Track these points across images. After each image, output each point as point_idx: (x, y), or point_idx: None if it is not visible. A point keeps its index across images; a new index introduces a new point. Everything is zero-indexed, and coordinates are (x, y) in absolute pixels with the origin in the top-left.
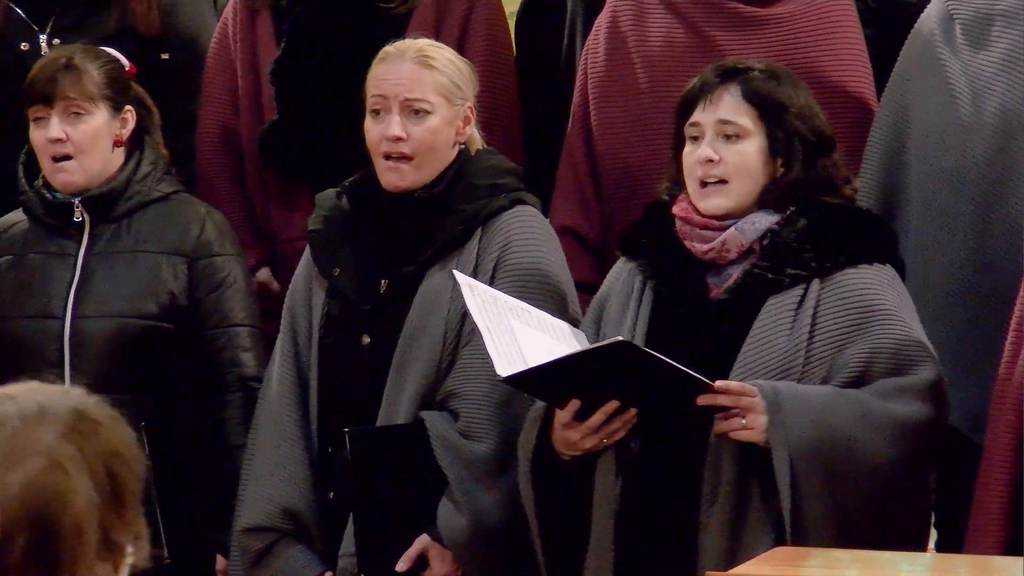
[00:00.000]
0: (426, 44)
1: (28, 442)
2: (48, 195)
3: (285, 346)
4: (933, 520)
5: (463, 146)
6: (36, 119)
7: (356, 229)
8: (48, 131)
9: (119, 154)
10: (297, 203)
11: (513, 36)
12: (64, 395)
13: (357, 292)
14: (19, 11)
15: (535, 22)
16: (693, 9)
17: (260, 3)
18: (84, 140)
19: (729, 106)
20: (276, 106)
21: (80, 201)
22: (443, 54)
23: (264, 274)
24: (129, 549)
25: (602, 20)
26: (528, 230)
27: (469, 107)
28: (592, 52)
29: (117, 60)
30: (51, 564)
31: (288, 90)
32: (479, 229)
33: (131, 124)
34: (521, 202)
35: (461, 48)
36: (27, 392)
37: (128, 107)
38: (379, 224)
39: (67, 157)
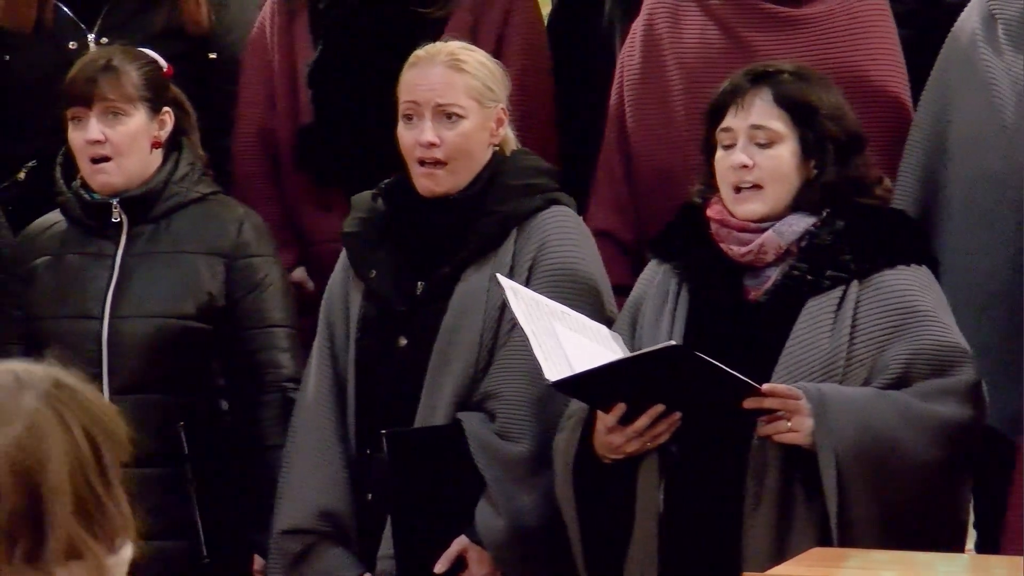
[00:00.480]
0: (457, 47)
1: (7, 408)
2: (86, 196)
3: (322, 348)
4: (972, 521)
5: (497, 147)
6: (74, 119)
7: (392, 231)
8: (87, 132)
9: (157, 155)
10: (333, 204)
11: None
12: (40, 367)
13: (393, 294)
14: (67, 10)
15: (567, 25)
16: (727, 10)
17: (298, 5)
18: (123, 141)
19: (760, 111)
20: (312, 108)
21: (118, 202)
22: (474, 57)
23: (299, 274)
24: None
25: (638, 24)
26: (563, 230)
27: (502, 108)
28: (628, 55)
29: (155, 61)
30: (38, 527)
31: (325, 92)
32: (514, 230)
33: (169, 126)
34: (556, 202)
35: (498, 52)
36: (2, 366)
37: (166, 109)
38: (415, 226)
39: (105, 159)
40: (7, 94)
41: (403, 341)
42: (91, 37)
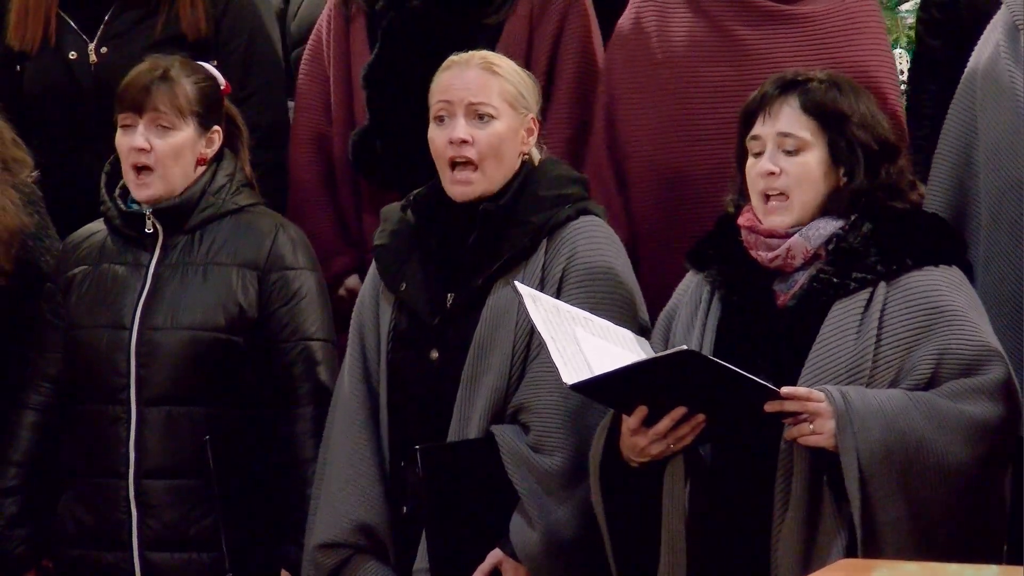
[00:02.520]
0: (490, 54)
1: None
2: (123, 205)
3: (354, 361)
4: None
5: (527, 158)
6: (124, 126)
7: (422, 243)
8: (133, 139)
9: (201, 169)
10: None
11: None
12: None
13: (425, 306)
14: (70, 21)
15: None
16: (718, 7)
17: (355, 10)
18: (167, 154)
19: (788, 118)
20: (368, 111)
21: (152, 212)
22: (508, 63)
23: (353, 280)
24: None
25: (624, 20)
26: (593, 239)
27: (532, 118)
28: (617, 51)
29: (214, 78)
30: None
31: (380, 95)
32: (545, 240)
33: (217, 144)
34: (586, 212)
35: (553, 59)
36: None
37: (216, 127)
38: (445, 237)
39: (147, 168)
40: (15, 104)
41: (435, 354)
42: (91, 47)
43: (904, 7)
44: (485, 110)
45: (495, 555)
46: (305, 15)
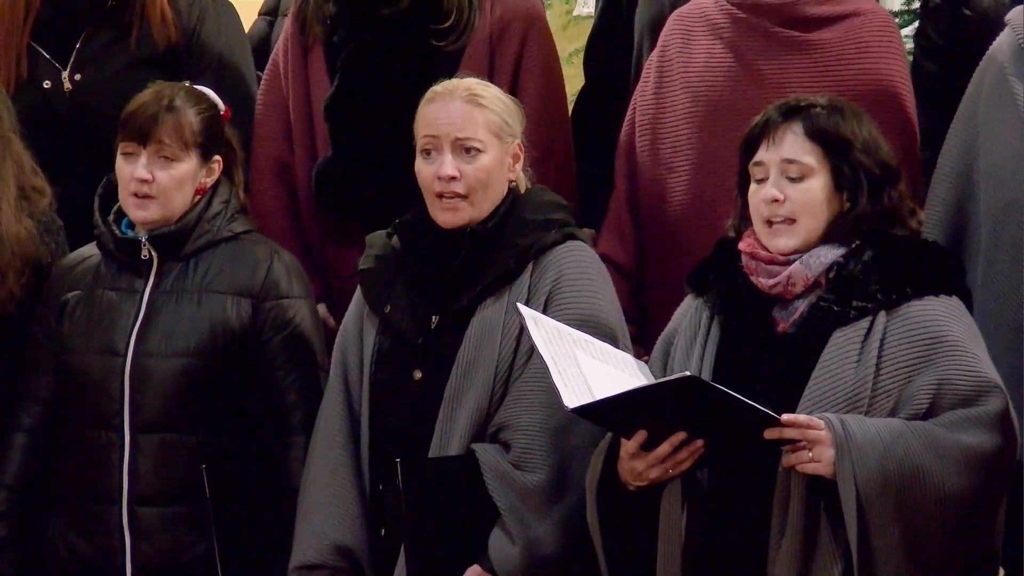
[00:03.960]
0: (474, 83)
1: None
2: (118, 231)
3: (335, 384)
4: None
5: (513, 183)
6: (126, 154)
7: (407, 266)
8: (135, 169)
9: (196, 197)
10: (353, 239)
11: (583, 68)
12: None
13: (409, 327)
14: (42, 51)
15: (603, 54)
16: (736, 33)
17: (312, 39)
18: (169, 185)
19: (792, 145)
20: (330, 142)
21: (148, 239)
22: (491, 92)
23: (320, 310)
24: None
25: (654, 53)
26: (579, 265)
27: (518, 144)
28: (643, 82)
29: (215, 106)
30: None
31: (342, 126)
32: (531, 263)
33: (217, 174)
34: (572, 237)
35: (515, 82)
36: None
37: (217, 157)
38: (431, 259)
39: (148, 197)
40: None
41: (418, 374)
42: (65, 75)
43: (903, 32)
44: (472, 144)
45: (474, 571)
46: None
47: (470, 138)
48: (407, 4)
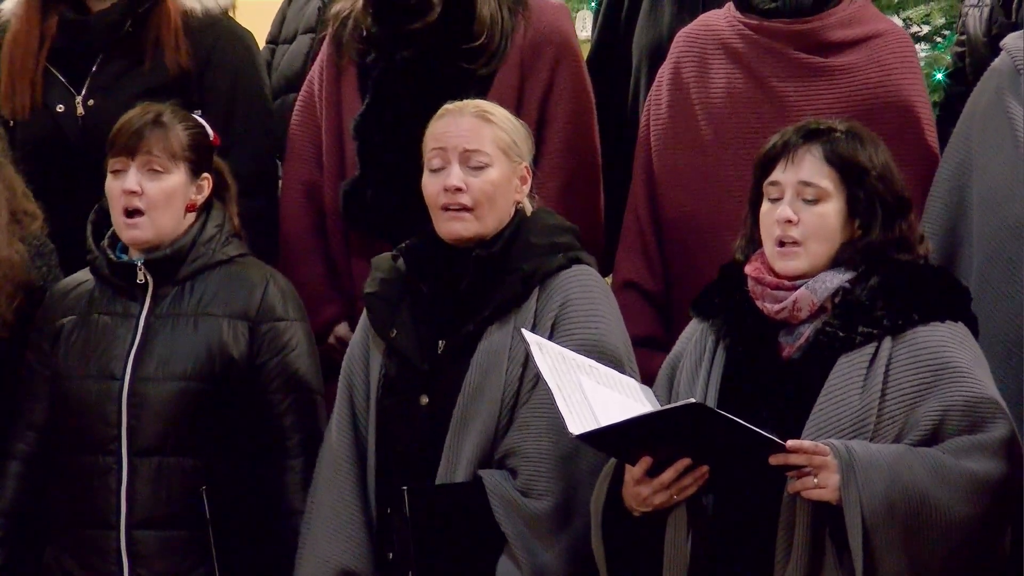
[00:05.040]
0: (484, 102)
1: None
2: (113, 256)
3: (342, 409)
4: None
5: (520, 206)
6: (115, 171)
7: (413, 290)
8: (124, 182)
9: (190, 218)
10: None
11: None
12: None
13: (415, 352)
14: (58, 75)
15: (600, 75)
16: (755, 58)
17: (347, 61)
18: (158, 197)
19: (811, 167)
20: (358, 161)
21: (143, 263)
22: (501, 111)
23: (342, 329)
24: None
25: (665, 70)
26: (585, 289)
27: (526, 167)
28: (655, 103)
29: (203, 128)
30: None
31: (370, 145)
32: (537, 288)
33: (206, 192)
34: (579, 261)
35: (544, 108)
36: None
37: (206, 175)
38: (437, 283)
39: (138, 212)
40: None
41: (425, 400)
42: (79, 99)
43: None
44: (479, 157)
45: None
46: (285, 67)
47: (478, 151)
48: (437, 16)
